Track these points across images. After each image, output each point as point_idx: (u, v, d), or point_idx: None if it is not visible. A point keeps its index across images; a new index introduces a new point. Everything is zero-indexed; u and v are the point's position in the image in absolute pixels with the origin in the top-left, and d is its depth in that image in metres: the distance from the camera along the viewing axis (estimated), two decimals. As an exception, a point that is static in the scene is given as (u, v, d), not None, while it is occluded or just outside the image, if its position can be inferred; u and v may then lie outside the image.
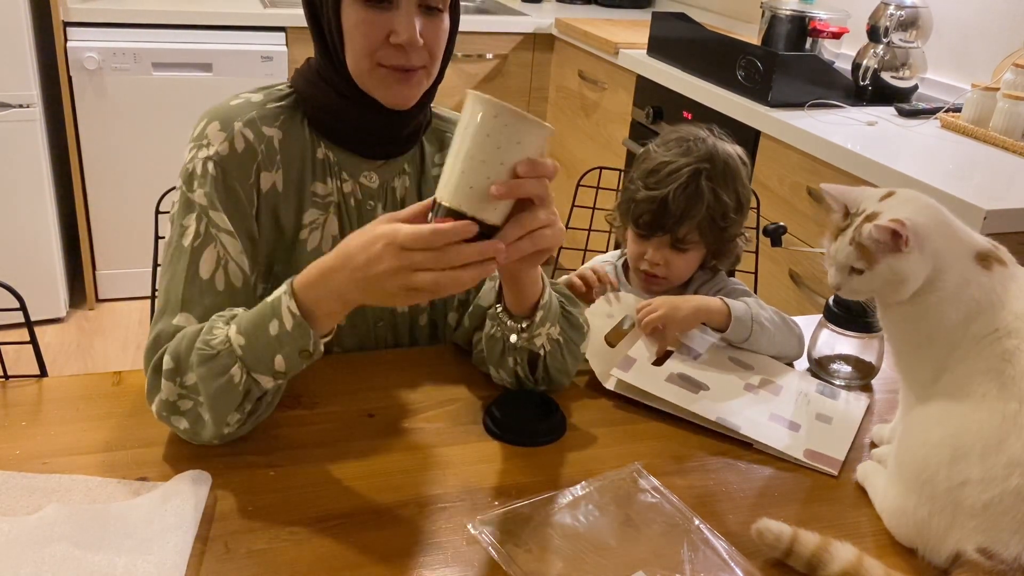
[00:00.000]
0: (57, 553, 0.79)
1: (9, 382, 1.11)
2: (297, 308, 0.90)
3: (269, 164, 1.09)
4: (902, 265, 0.90)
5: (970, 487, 0.86)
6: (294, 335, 0.91)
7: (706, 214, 1.32)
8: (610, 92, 2.93)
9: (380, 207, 1.17)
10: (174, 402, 0.96)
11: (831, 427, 1.13)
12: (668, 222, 1.32)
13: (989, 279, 0.91)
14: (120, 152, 2.94)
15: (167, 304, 1.02)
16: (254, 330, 0.93)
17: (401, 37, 1.03)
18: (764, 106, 2.16)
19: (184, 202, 1.06)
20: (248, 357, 0.93)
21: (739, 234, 1.39)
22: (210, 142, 1.07)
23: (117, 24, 2.82)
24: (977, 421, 0.88)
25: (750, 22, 3.00)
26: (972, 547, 0.86)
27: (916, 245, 0.90)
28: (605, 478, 0.99)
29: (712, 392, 1.16)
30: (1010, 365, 0.88)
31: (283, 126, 1.11)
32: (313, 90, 1.11)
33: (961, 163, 1.87)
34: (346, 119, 1.11)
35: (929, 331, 0.93)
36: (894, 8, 2.27)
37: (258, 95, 1.12)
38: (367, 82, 1.08)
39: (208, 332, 0.95)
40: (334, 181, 1.14)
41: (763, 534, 0.88)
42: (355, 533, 0.89)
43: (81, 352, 2.87)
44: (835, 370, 1.25)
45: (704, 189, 1.31)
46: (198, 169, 1.06)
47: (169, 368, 0.96)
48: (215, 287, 1.03)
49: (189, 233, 1.04)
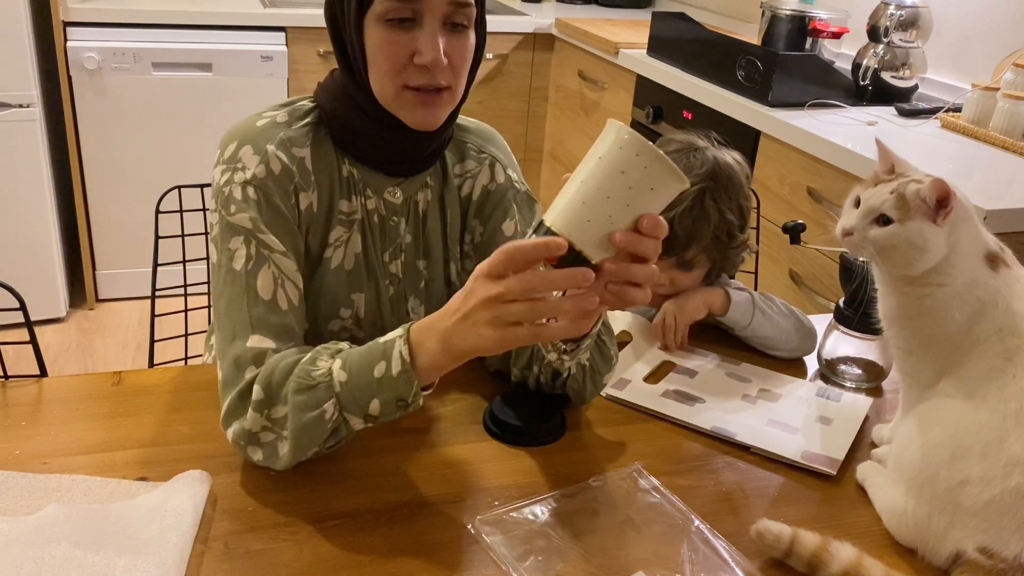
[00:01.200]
0: (57, 553, 0.79)
1: (9, 382, 1.11)
2: (408, 354, 0.88)
3: (305, 185, 1.07)
4: (929, 234, 0.89)
5: (970, 486, 0.86)
6: (398, 381, 0.89)
7: (712, 234, 1.29)
8: (610, 92, 2.93)
9: (403, 222, 1.15)
10: (256, 433, 0.94)
11: (831, 428, 1.13)
12: (675, 247, 1.28)
13: (995, 281, 0.92)
14: (120, 152, 2.94)
15: (235, 328, 0.99)
16: (359, 368, 0.90)
17: (425, 58, 1.00)
18: (764, 106, 2.16)
19: (226, 226, 1.03)
20: (345, 395, 0.91)
21: (744, 245, 1.36)
22: (245, 165, 1.04)
23: (117, 24, 2.82)
24: (977, 421, 0.88)
25: (750, 22, 3.00)
26: (972, 547, 0.86)
27: (951, 221, 0.90)
28: (605, 478, 0.99)
29: (708, 404, 1.16)
30: (1011, 364, 0.88)
31: (312, 145, 1.09)
32: (337, 107, 1.08)
33: (961, 163, 1.87)
34: (371, 138, 1.09)
35: (932, 330, 0.93)
36: (894, 8, 2.27)
37: (282, 114, 1.09)
38: (392, 104, 1.05)
39: (311, 363, 0.93)
40: (358, 198, 1.12)
41: (763, 535, 0.88)
42: (355, 533, 0.89)
43: (81, 352, 2.87)
44: (844, 372, 1.25)
45: (710, 210, 1.27)
46: (236, 193, 1.03)
47: (259, 399, 0.93)
48: (278, 307, 1.01)
49: (240, 256, 1.01)
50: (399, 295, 1.17)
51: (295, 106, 1.11)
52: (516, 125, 3.41)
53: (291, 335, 1.01)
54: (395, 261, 1.16)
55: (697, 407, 1.15)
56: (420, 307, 1.20)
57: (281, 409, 0.92)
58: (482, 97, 3.30)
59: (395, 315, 1.18)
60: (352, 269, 1.13)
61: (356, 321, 1.15)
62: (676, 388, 1.19)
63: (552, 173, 3.44)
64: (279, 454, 0.93)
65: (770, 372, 1.26)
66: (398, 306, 1.18)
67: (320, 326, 1.13)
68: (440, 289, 1.21)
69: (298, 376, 0.92)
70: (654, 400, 1.16)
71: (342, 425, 0.92)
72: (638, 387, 1.19)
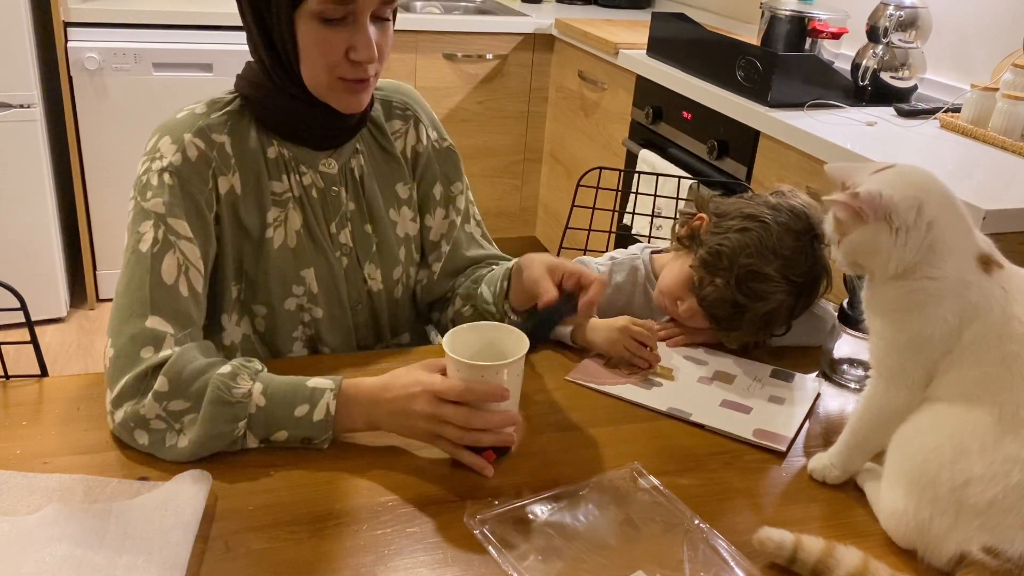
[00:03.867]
0: (57, 553, 0.79)
1: (10, 382, 1.12)
2: (335, 409, 0.97)
3: (224, 168, 1.11)
4: (868, 236, 0.91)
5: (973, 486, 0.86)
6: (315, 427, 0.97)
7: (767, 331, 1.26)
8: (610, 92, 2.93)
9: (343, 191, 1.19)
10: (149, 420, 0.97)
11: (782, 408, 1.16)
12: (727, 325, 1.25)
13: (989, 283, 0.91)
14: (120, 152, 2.94)
15: (132, 307, 1.02)
16: (280, 401, 0.97)
17: (361, 55, 1.05)
18: (764, 106, 2.16)
19: (139, 211, 1.07)
20: (258, 418, 0.97)
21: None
22: (163, 155, 1.08)
23: (117, 24, 2.82)
24: (972, 420, 0.88)
25: (750, 22, 3.00)
26: (977, 547, 0.86)
27: (877, 216, 0.90)
28: (605, 478, 0.99)
29: (665, 386, 1.20)
30: (1009, 372, 0.87)
31: (231, 131, 1.12)
32: (260, 93, 1.13)
33: (960, 163, 1.87)
34: (298, 117, 1.13)
35: (921, 327, 0.91)
36: (893, 8, 2.27)
37: (201, 107, 1.13)
38: (325, 94, 1.10)
39: (232, 378, 0.97)
40: (291, 176, 1.16)
41: (764, 544, 0.88)
42: (355, 533, 0.89)
43: (82, 352, 2.87)
44: (846, 372, 1.26)
45: (783, 316, 1.24)
46: (152, 180, 1.07)
47: (163, 390, 0.97)
48: (179, 292, 1.04)
49: (147, 239, 1.05)
50: (353, 264, 1.21)
51: (215, 100, 1.15)
52: (516, 125, 3.41)
53: (189, 321, 1.04)
54: (343, 231, 1.20)
55: (655, 390, 1.19)
56: (376, 271, 1.24)
57: (181, 404, 0.97)
58: (482, 97, 3.30)
59: (352, 285, 1.22)
60: (296, 246, 1.16)
61: (311, 297, 1.19)
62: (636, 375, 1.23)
63: (552, 173, 3.45)
64: (166, 445, 0.97)
65: (724, 355, 1.29)
66: (354, 274, 1.22)
67: (276, 307, 1.17)
68: (392, 250, 1.25)
69: (217, 387, 0.96)
70: (611, 386, 1.19)
71: (240, 441, 0.98)
72: (599, 371, 1.22)
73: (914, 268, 0.92)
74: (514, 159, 3.47)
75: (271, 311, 1.17)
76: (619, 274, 1.40)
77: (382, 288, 1.25)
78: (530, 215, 3.61)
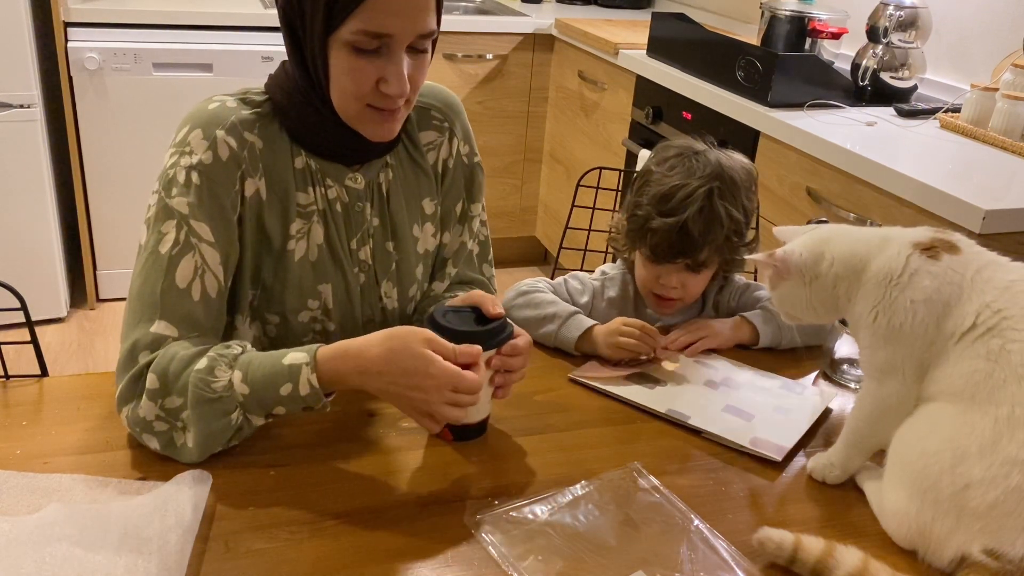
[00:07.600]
0: (57, 553, 0.79)
1: (10, 382, 1.12)
2: (317, 381, 0.95)
3: (252, 171, 1.08)
4: (789, 289, 1.03)
5: (974, 488, 0.86)
6: (306, 399, 0.96)
7: (724, 234, 1.29)
8: (610, 92, 2.93)
9: (368, 207, 1.17)
10: (151, 422, 0.97)
11: (786, 418, 1.15)
12: (688, 248, 1.28)
13: (941, 268, 0.92)
14: (120, 152, 2.94)
15: (142, 311, 1.02)
16: (263, 385, 0.96)
17: (392, 89, 1.02)
18: (764, 106, 2.16)
19: (162, 207, 1.05)
20: (248, 405, 0.97)
21: (753, 243, 1.36)
22: (193, 150, 1.05)
23: (117, 24, 2.82)
24: (969, 423, 0.88)
25: (750, 22, 3.01)
26: (978, 549, 0.86)
27: (792, 273, 1.02)
28: (605, 478, 0.99)
29: (668, 388, 1.19)
30: (998, 367, 0.88)
31: (262, 134, 1.09)
32: (290, 103, 1.09)
33: (960, 163, 1.87)
34: (327, 134, 1.10)
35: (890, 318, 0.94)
36: (893, 8, 2.27)
37: (232, 100, 1.10)
38: (353, 120, 1.07)
39: (209, 373, 0.96)
40: (317, 189, 1.13)
41: (764, 544, 0.88)
42: (355, 533, 0.89)
43: (82, 352, 2.87)
44: (846, 372, 1.26)
45: (719, 209, 1.27)
46: (180, 177, 1.04)
47: (153, 388, 0.96)
48: (191, 296, 1.03)
49: (168, 240, 1.03)
50: (370, 281, 1.19)
51: (247, 94, 1.12)
52: (516, 125, 3.41)
53: (196, 325, 1.03)
54: (364, 247, 1.18)
55: (657, 390, 1.18)
56: (393, 290, 1.21)
57: (175, 400, 0.96)
58: (482, 97, 3.30)
59: (367, 303, 1.20)
60: (317, 260, 1.14)
61: (325, 312, 1.17)
62: (640, 371, 1.22)
63: (552, 173, 3.45)
64: (176, 445, 0.97)
65: (736, 362, 1.28)
66: (370, 292, 1.20)
67: (289, 318, 1.15)
68: (411, 269, 1.23)
69: (196, 386, 0.95)
70: (616, 382, 1.19)
71: (245, 425, 0.98)
72: (604, 368, 1.22)
73: (846, 291, 0.99)
74: (514, 159, 3.48)
75: (284, 321, 1.15)
76: (611, 289, 1.40)
77: (396, 307, 1.23)
78: (530, 215, 3.61)
